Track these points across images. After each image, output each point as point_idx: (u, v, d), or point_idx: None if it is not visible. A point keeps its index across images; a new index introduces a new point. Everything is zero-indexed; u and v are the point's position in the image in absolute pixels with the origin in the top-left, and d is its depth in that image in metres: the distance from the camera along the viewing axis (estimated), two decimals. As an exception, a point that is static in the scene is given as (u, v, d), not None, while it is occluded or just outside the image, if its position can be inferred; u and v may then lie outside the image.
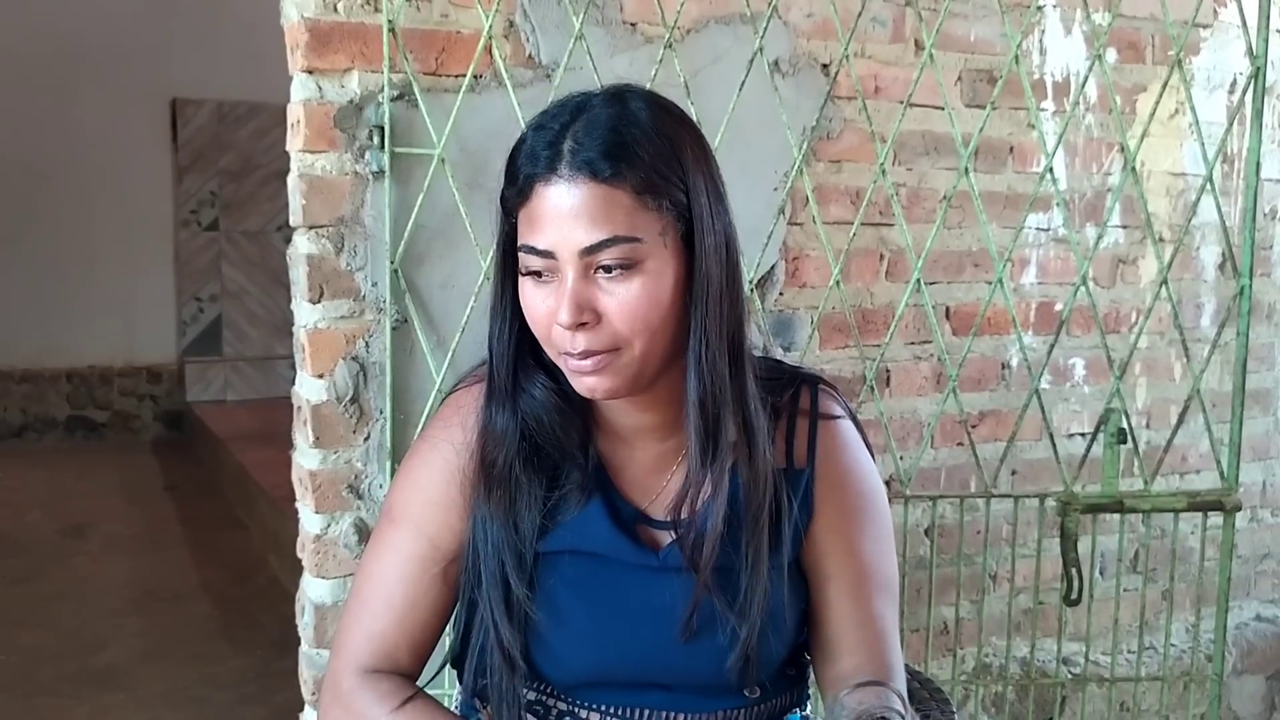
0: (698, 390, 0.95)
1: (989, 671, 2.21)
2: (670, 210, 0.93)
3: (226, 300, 6.25)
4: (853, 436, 1.09)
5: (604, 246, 0.90)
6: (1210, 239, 2.48)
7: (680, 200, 0.93)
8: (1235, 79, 2.46)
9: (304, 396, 1.70)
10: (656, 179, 0.91)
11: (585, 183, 0.90)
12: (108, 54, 5.74)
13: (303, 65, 1.63)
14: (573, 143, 0.91)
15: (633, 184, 0.91)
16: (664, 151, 0.93)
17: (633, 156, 0.91)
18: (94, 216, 5.88)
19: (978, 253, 2.18)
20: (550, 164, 0.91)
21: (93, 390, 6.10)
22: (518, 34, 1.74)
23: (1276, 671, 2.63)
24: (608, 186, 0.90)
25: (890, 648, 1.05)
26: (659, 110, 0.96)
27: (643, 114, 0.94)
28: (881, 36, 2.04)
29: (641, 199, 0.91)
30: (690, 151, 0.95)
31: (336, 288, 1.66)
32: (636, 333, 0.92)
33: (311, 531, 1.70)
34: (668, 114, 0.96)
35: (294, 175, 1.66)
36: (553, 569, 1.00)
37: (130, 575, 3.76)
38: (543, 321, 0.94)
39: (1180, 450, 2.42)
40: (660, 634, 0.99)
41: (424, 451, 1.06)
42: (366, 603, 1.05)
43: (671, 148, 0.93)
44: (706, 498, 0.98)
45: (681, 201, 0.93)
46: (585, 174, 0.90)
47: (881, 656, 1.04)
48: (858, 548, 1.05)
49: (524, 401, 1.01)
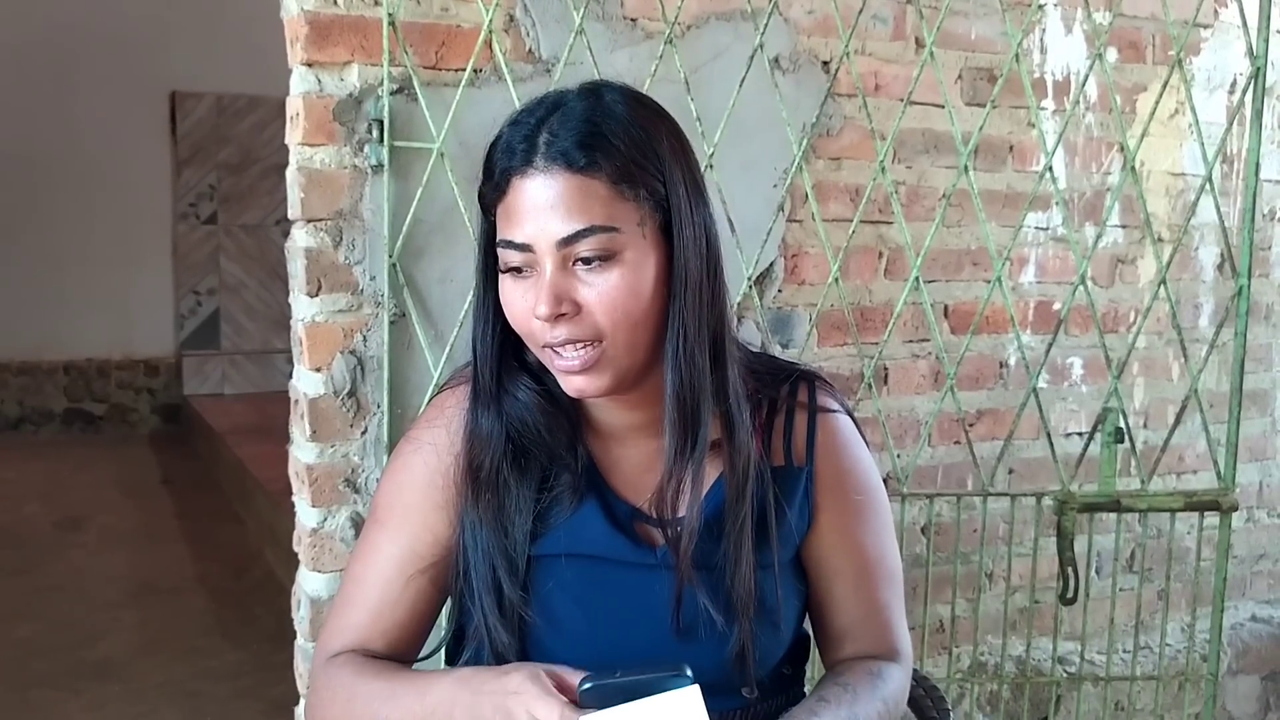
0: (674, 383, 0.94)
1: (984, 670, 2.21)
2: (647, 200, 0.92)
3: (224, 294, 6.24)
4: (851, 431, 1.09)
5: (581, 237, 0.90)
6: (1209, 239, 2.48)
7: (658, 190, 0.93)
8: (1235, 79, 2.46)
9: (301, 390, 1.70)
10: (632, 168, 0.91)
11: (560, 173, 0.90)
12: (107, 46, 5.73)
13: (302, 58, 1.63)
14: (548, 135, 0.91)
15: (608, 173, 0.90)
16: (639, 141, 0.92)
17: (607, 146, 0.91)
18: (92, 209, 5.88)
19: (976, 251, 2.18)
20: (526, 157, 0.91)
21: (90, 383, 6.09)
22: (518, 28, 1.74)
23: (1271, 671, 2.63)
24: (583, 176, 0.90)
25: (896, 633, 1.07)
26: (634, 103, 0.96)
27: (618, 106, 0.94)
28: (882, 34, 2.04)
29: (617, 188, 0.91)
30: (667, 142, 0.95)
31: (335, 281, 1.66)
32: (617, 324, 0.92)
33: (308, 525, 1.70)
34: (643, 106, 0.96)
35: (293, 168, 1.66)
36: (548, 572, 1.00)
37: (127, 568, 3.76)
38: (522, 317, 0.94)
39: (1177, 450, 2.42)
40: (658, 634, 0.99)
41: (407, 453, 1.06)
42: (348, 598, 1.05)
43: (647, 138, 0.93)
44: (686, 492, 0.97)
45: (659, 192, 0.93)
46: (560, 165, 0.90)
47: (889, 641, 1.06)
48: (861, 542, 1.06)
49: (508, 404, 1.00)
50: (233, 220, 6.22)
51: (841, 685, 1.00)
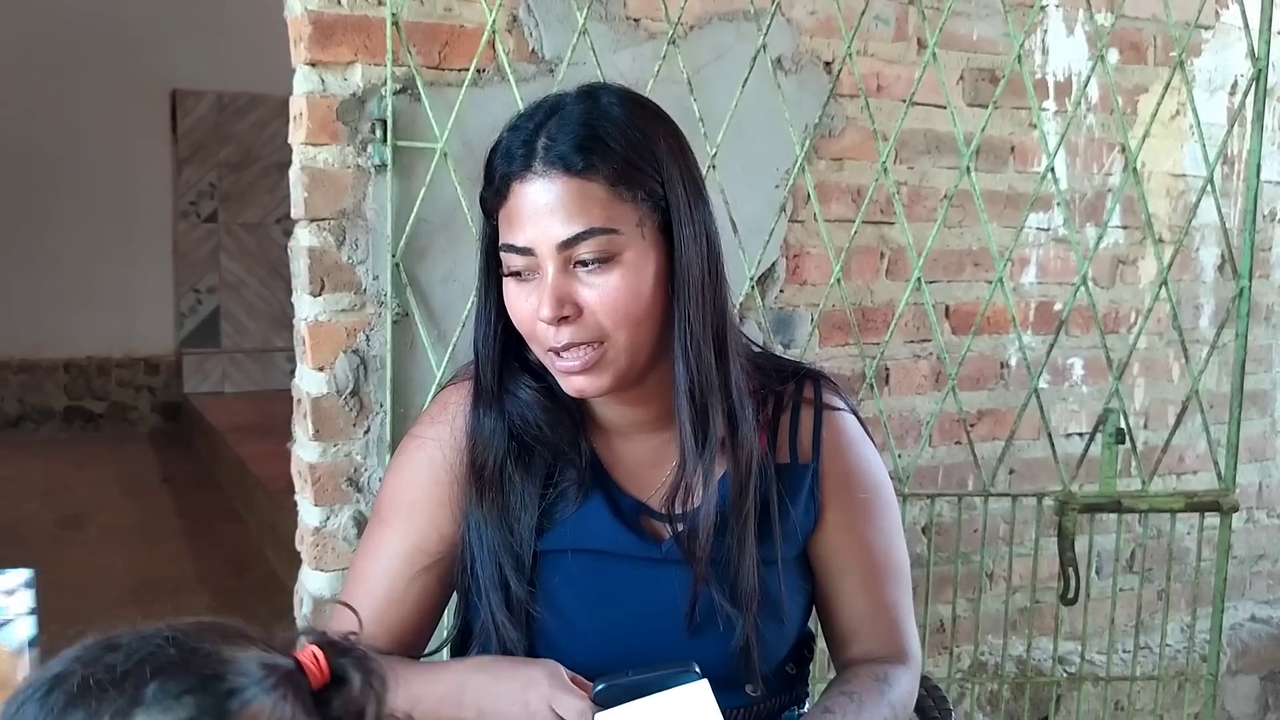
0: (686, 380, 0.95)
1: (985, 670, 2.21)
2: (646, 201, 0.93)
3: (225, 292, 6.24)
4: (857, 430, 1.09)
5: (581, 239, 0.91)
6: (1210, 240, 2.48)
7: (656, 191, 0.93)
8: (1236, 81, 2.46)
9: (304, 389, 1.71)
10: (630, 170, 0.92)
11: (559, 177, 0.91)
12: (108, 44, 5.73)
13: (306, 58, 1.63)
14: (546, 139, 0.92)
15: (606, 175, 0.91)
16: (637, 143, 0.93)
17: (605, 149, 0.91)
18: (93, 207, 5.87)
19: (978, 252, 2.18)
20: (525, 161, 0.92)
21: (90, 381, 6.09)
22: (521, 28, 1.74)
23: (1271, 672, 2.64)
24: (582, 179, 0.91)
25: (904, 633, 1.07)
26: (632, 104, 0.96)
27: (615, 108, 0.94)
28: (884, 35, 2.04)
29: (616, 190, 0.91)
30: (664, 143, 0.95)
31: (338, 281, 1.66)
32: (619, 325, 0.92)
33: (310, 524, 1.70)
34: (641, 108, 0.97)
35: (296, 168, 1.66)
36: (555, 568, 1.00)
37: (127, 566, 3.76)
38: (527, 320, 0.94)
39: (1178, 451, 2.42)
40: (664, 628, 1.00)
41: (411, 450, 1.06)
42: (352, 596, 1.06)
43: (644, 139, 0.94)
44: (699, 488, 0.98)
45: (657, 193, 0.93)
46: (559, 168, 0.91)
47: (897, 641, 1.06)
48: (869, 540, 1.06)
49: (511, 403, 1.01)
50: (233, 218, 6.22)
51: (847, 694, 1.00)
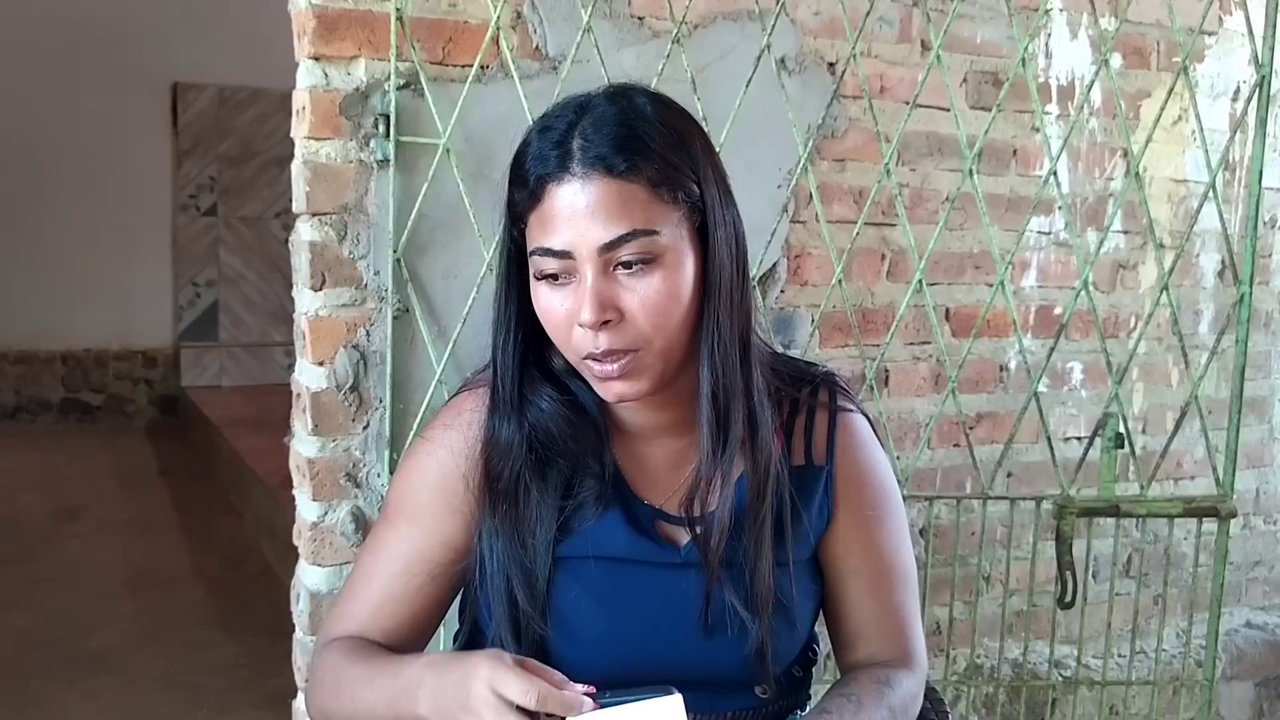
0: (710, 381, 0.95)
1: (981, 673, 2.21)
2: (684, 202, 0.93)
3: (223, 286, 6.24)
4: (869, 433, 1.09)
5: (623, 241, 0.90)
6: (1210, 246, 2.48)
7: (693, 191, 0.93)
8: (1239, 87, 2.46)
9: (303, 384, 1.70)
10: (670, 170, 0.91)
11: (600, 179, 0.90)
12: (109, 37, 5.73)
13: (309, 52, 1.62)
14: (582, 140, 0.91)
15: (648, 176, 0.90)
16: (674, 143, 0.93)
17: (645, 149, 0.91)
18: (93, 200, 5.87)
19: (979, 254, 2.18)
20: (561, 163, 0.91)
21: (88, 373, 6.09)
22: (525, 25, 1.74)
23: (1266, 678, 2.64)
24: (623, 181, 0.90)
25: (910, 637, 1.07)
26: (662, 105, 0.96)
27: (648, 108, 0.94)
28: (888, 36, 2.04)
29: (657, 191, 0.91)
30: (698, 143, 0.95)
31: (339, 275, 1.66)
32: (658, 328, 0.91)
33: (308, 519, 1.70)
34: (670, 109, 0.97)
35: (298, 162, 1.66)
36: (572, 575, 0.99)
37: (123, 559, 3.76)
38: (563, 325, 0.93)
39: (1176, 456, 2.42)
40: (679, 631, 0.99)
41: (421, 453, 1.05)
42: (353, 589, 1.06)
43: (680, 140, 0.93)
44: (717, 489, 0.97)
45: (694, 193, 0.93)
46: (599, 170, 0.90)
47: (903, 645, 1.06)
48: (878, 542, 1.06)
49: (532, 413, 0.99)
50: (233, 212, 6.22)
51: (846, 696, 1.00)
